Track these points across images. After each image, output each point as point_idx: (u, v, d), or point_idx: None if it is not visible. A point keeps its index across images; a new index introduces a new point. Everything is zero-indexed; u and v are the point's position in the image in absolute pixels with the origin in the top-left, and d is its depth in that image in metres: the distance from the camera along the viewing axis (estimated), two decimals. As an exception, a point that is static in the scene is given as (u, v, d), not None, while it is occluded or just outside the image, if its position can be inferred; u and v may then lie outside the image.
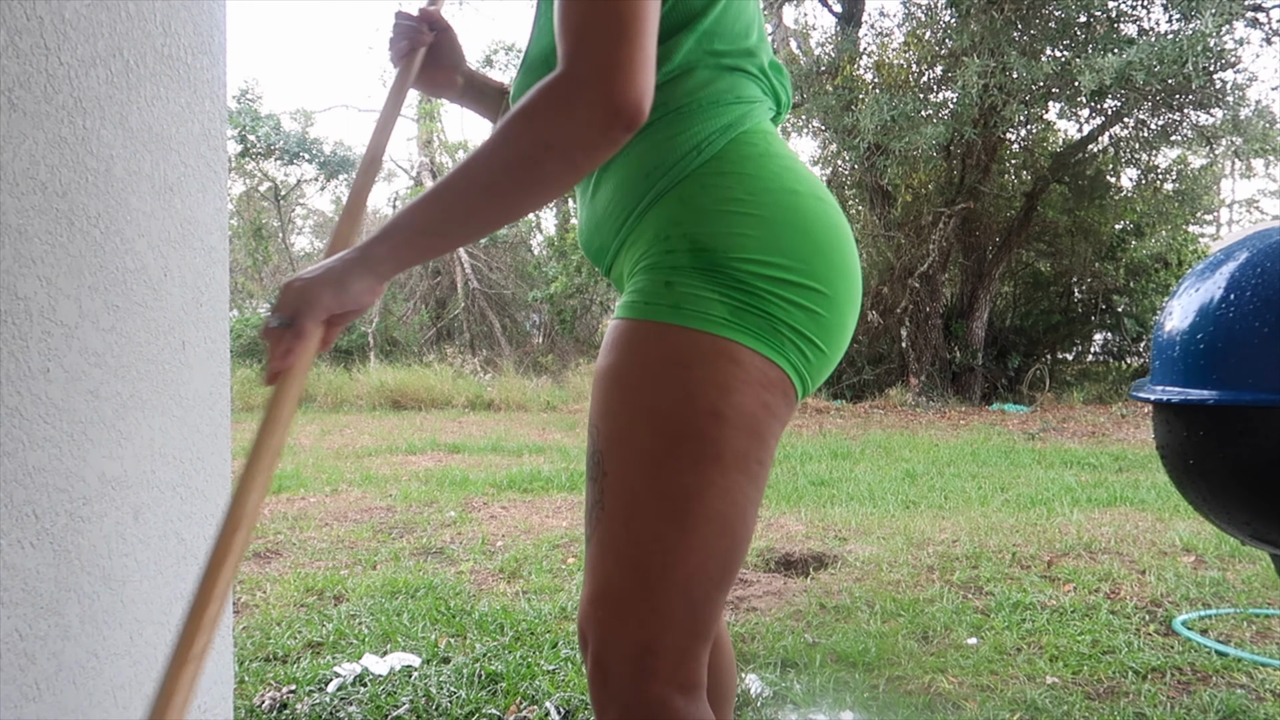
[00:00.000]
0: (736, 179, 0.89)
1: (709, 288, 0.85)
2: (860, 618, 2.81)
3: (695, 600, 0.85)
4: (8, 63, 1.11)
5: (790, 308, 0.86)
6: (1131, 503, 4.70)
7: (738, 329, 0.84)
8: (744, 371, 0.84)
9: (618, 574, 0.86)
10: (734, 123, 0.91)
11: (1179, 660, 2.44)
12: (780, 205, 0.88)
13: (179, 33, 1.42)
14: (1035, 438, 7.70)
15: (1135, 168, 11.89)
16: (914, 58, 10.28)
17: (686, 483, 0.83)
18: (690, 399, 0.83)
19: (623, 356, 0.88)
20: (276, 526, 4.11)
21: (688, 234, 0.87)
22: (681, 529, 0.83)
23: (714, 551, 0.85)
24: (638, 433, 0.85)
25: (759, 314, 0.85)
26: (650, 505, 0.84)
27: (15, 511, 1.14)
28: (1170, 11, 9.19)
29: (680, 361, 0.84)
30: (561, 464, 6.05)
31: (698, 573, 0.85)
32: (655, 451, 0.84)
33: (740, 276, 0.85)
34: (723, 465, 0.84)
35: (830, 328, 0.90)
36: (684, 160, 0.90)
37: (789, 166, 0.92)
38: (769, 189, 0.89)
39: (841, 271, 0.91)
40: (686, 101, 0.91)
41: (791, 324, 0.86)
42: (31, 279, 1.16)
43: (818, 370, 0.91)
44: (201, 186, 1.49)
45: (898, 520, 4.28)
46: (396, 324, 14.13)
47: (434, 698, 2.16)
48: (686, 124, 0.90)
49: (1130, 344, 12.41)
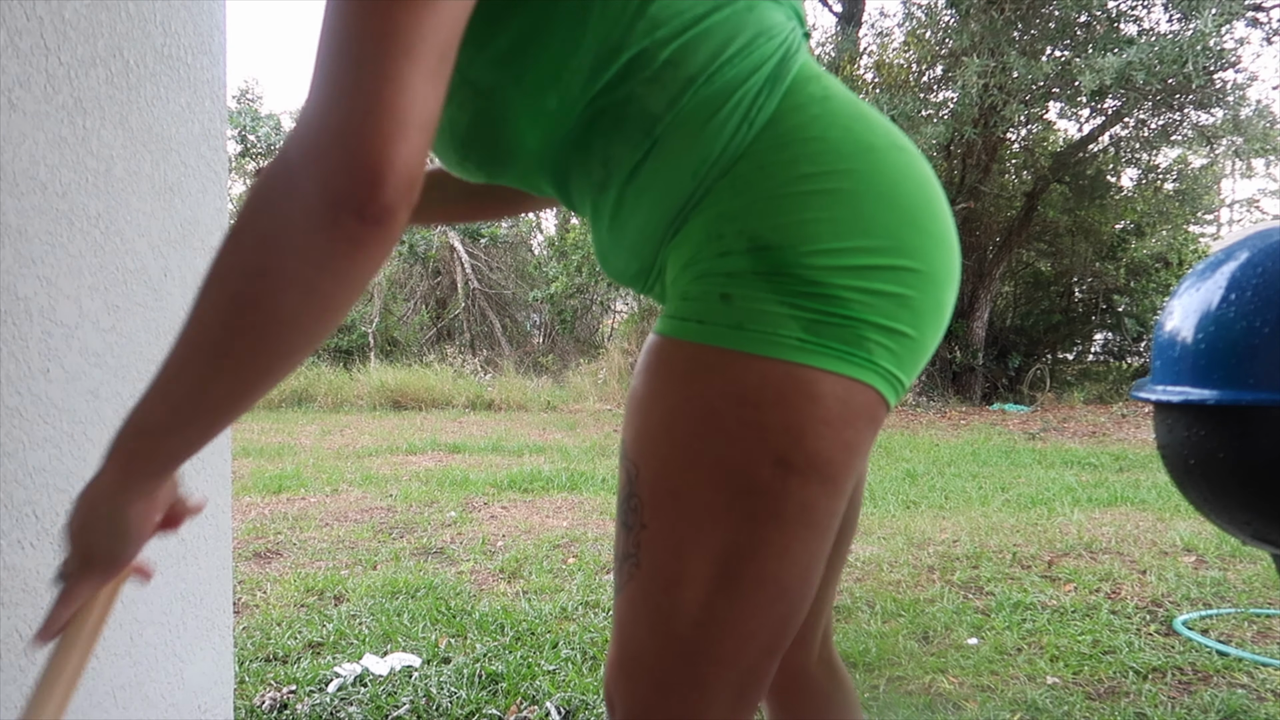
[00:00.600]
0: (801, 146, 0.70)
1: (777, 299, 0.68)
2: (861, 618, 2.81)
3: (744, 670, 0.74)
4: (7, 63, 1.11)
5: (876, 300, 0.69)
6: (1132, 502, 4.70)
7: (815, 351, 0.68)
8: (823, 409, 0.68)
9: (653, 645, 0.73)
10: (777, 72, 0.72)
11: (1180, 660, 2.44)
12: (858, 171, 0.70)
13: (179, 33, 1.42)
14: (1036, 437, 7.69)
15: (1136, 167, 11.89)
16: (914, 57, 10.29)
17: (740, 543, 0.70)
18: (756, 447, 0.68)
19: (675, 388, 0.71)
20: (277, 527, 4.11)
21: (745, 230, 0.69)
22: (730, 596, 0.71)
23: (768, 619, 0.72)
24: (691, 486, 0.70)
25: (840, 323, 0.68)
26: (697, 570, 0.71)
27: (15, 512, 1.14)
28: (1170, 11, 9.19)
29: (747, 400, 0.68)
30: (562, 464, 6.04)
31: (749, 644, 0.73)
32: (711, 507, 0.70)
33: (814, 277, 0.68)
34: (782, 521, 0.69)
35: (925, 310, 0.73)
36: (735, 138, 0.70)
37: (857, 116, 0.73)
38: (841, 151, 0.70)
39: (937, 238, 0.73)
40: (714, 67, 0.71)
41: (878, 322, 0.70)
42: (31, 279, 1.16)
43: (912, 365, 0.74)
44: (202, 187, 1.49)
45: (898, 520, 4.28)
46: (397, 324, 14.13)
47: (434, 698, 2.16)
48: (723, 93, 0.70)
49: (1131, 344, 12.41)
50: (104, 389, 1.28)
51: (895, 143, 0.74)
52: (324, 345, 12.94)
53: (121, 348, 1.31)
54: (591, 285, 12.71)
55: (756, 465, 0.68)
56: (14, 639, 1.15)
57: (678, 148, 0.72)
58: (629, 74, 0.71)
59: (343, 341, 13.17)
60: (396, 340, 13.73)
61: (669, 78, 0.70)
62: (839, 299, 0.68)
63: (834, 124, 0.72)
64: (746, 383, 0.68)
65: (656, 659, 0.73)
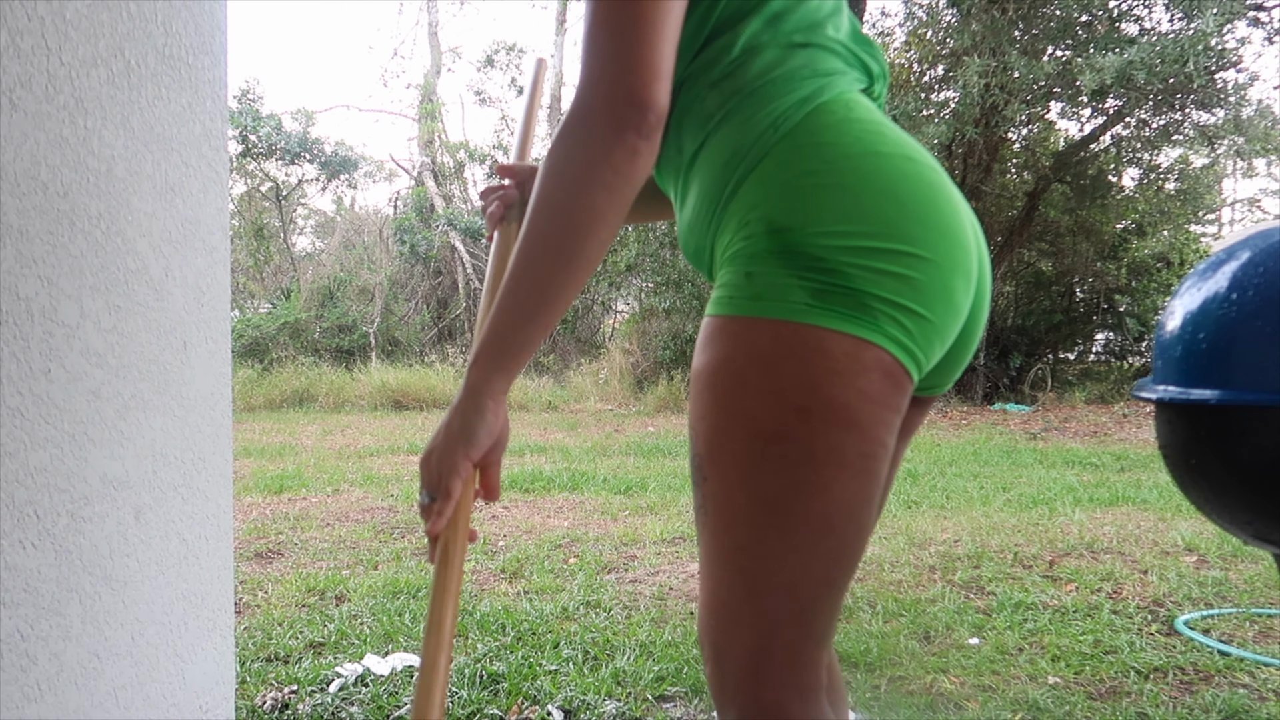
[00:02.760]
0: (813, 149, 0.84)
1: (788, 272, 0.81)
2: (862, 618, 2.80)
3: (804, 602, 0.84)
4: (9, 63, 1.12)
5: (880, 277, 0.80)
6: (1134, 502, 4.70)
7: (821, 313, 0.79)
8: (831, 360, 0.79)
9: (724, 580, 0.85)
10: (811, 95, 0.86)
11: (1181, 660, 2.44)
12: (861, 170, 0.82)
13: (180, 33, 1.42)
14: (1037, 437, 7.69)
15: (1137, 167, 11.87)
16: (915, 57, 10.28)
17: (783, 484, 0.81)
18: (778, 397, 0.80)
19: (713, 355, 0.85)
20: (278, 527, 4.12)
21: (764, 215, 0.83)
22: (781, 532, 0.82)
23: (819, 552, 0.82)
24: (732, 436, 0.83)
25: (844, 292, 0.80)
26: (748, 510, 0.82)
27: (17, 512, 1.14)
28: (1172, 11, 9.18)
29: (765, 358, 0.81)
30: (563, 464, 6.04)
31: (803, 575, 0.83)
32: (750, 454, 0.82)
33: (819, 254, 0.80)
34: (816, 463, 0.80)
35: (930, 291, 0.82)
36: (762, 139, 0.85)
37: (873, 130, 0.85)
38: (848, 154, 0.83)
39: (940, 230, 0.83)
40: (759, 83, 0.87)
41: (883, 295, 0.80)
42: (33, 279, 1.16)
43: (927, 341, 0.84)
44: (203, 187, 1.49)
45: (899, 520, 4.28)
46: (398, 324, 14.13)
47: (435, 698, 2.16)
48: (761, 104, 0.87)
49: (1132, 343, 12.40)
50: (105, 389, 1.28)
51: (904, 153, 0.85)
52: (324, 345, 12.95)
53: (123, 348, 1.32)
54: (593, 285, 12.68)
55: (782, 414, 0.80)
56: (15, 639, 1.15)
57: (721, 140, 0.88)
58: (699, 77, 0.90)
59: (344, 341, 13.17)
60: (398, 340, 13.72)
61: (726, 87, 0.88)
62: (842, 272, 0.80)
63: (846, 133, 0.84)
64: (763, 344, 0.81)
65: (728, 592, 0.84)
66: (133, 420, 1.34)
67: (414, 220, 14.56)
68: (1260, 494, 1.04)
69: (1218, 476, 1.08)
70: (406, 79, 27.98)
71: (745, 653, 0.84)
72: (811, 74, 0.87)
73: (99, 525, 1.28)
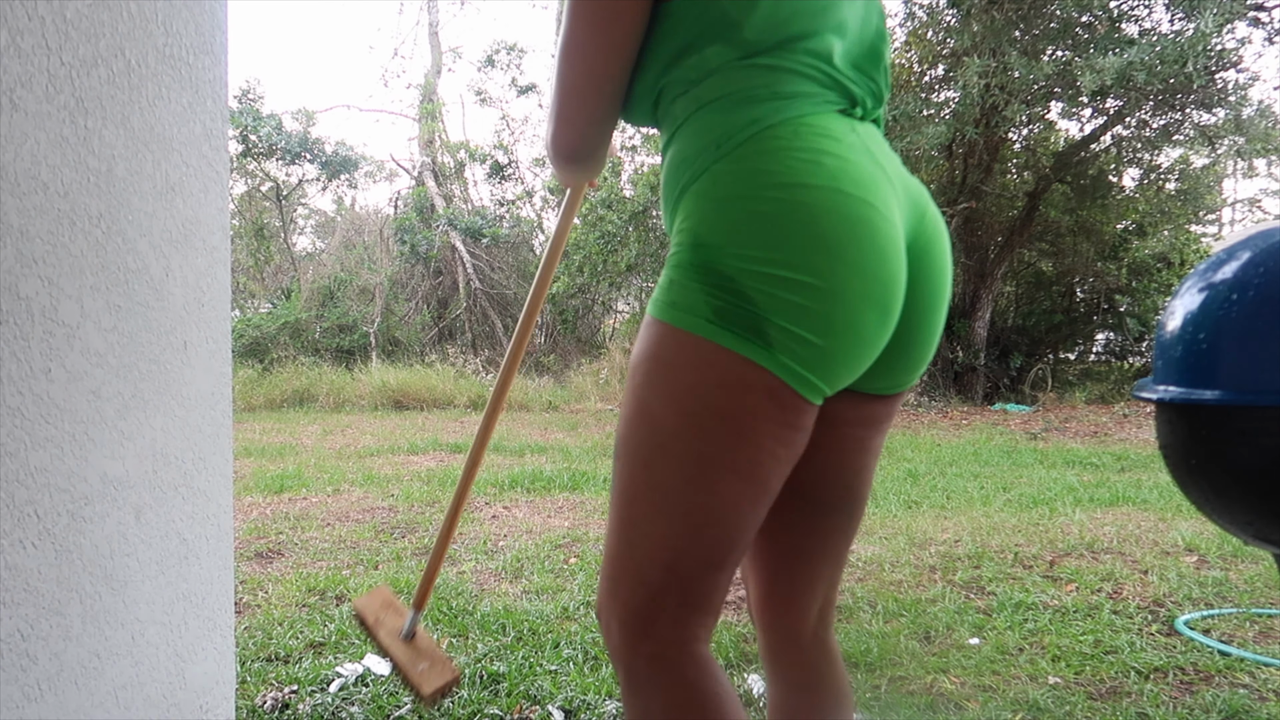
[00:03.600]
0: (747, 174, 0.88)
1: (701, 286, 0.87)
2: (862, 618, 2.80)
3: (682, 577, 0.91)
4: (9, 62, 1.12)
5: (782, 305, 0.85)
6: (1134, 502, 4.70)
7: (719, 330, 0.86)
8: (720, 376, 0.86)
9: (615, 551, 0.94)
10: (760, 118, 0.90)
11: (1181, 660, 2.44)
12: (783, 200, 0.86)
13: (181, 32, 1.42)
14: (1037, 437, 7.69)
15: (1137, 167, 11.87)
16: (915, 57, 10.28)
17: (675, 478, 0.89)
18: (675, 401, 0.88)
19: (636, 350, 0.94)
20: (278, 526, 4.12)
21: (693, 229, 0.89)
22: (669, 518, 0.90)
23: (701, 538, 0.90)
24: (637, 427, 0.91)
25: (745, 314, 0.85)
26: (645, 494, 0.91)
27: (17, 512, 1.15)
28: (1172, 11, 9.18)
29: (669, 363, 0.89)
30: (563, 464, 6.04)
31: (683, 556, 0.90)
32: (650, 446, 0.90)
33: (730, 274, 0.86)
34: (704, 464, 0.88)
35: (832, 323, 0.87)
36: (704, 156, 0.91)
37: (809, 160, 0.88)
38: (777, 183, 0.87)
39: (853, 265, 0.86)
40: (716, 98, 0.92)
41: (781, 323, 0.86)
42: (33, 279, 1.16)
43: (825, 368, 0.88)
44: (203, 186, 1.49)
45: (900, 520, 4.28)
46: (398, 324, 14.13)
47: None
48: (712, 120, 0.92)
49: (1133, 344, 12.39)
50: (106, 389, 1.28)
51: (837, 187, 0.88)
52: (325, 345, 12.95)
53: (123, 347, 1.32)
54: (593, 285, 12.69)
55: (677, 417, 0.88)
56: (15, 639, 1.15)
57: (678, 148, 0.96)
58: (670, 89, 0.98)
59: (344, 341, 13.17)
60: (398, 340, 13.72)
61: (690, 97, 0.95)
62: (747, 295, 0.85)
63: (781, 161, 0.88)
64: (670, 349, 0.89)
65: (615, 563, 0.94)
66: (133, 420, 1.34)
67: (414, 220, 14.56)
68: (1260, 494, 1.04)
69: (1218, 477, 1.08)
70: (407, 79, 27.95)
71: (626, 614, 0.93)
72: (769, 95, 0.91)
73: (99, 525, 1.28)
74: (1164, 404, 1.13)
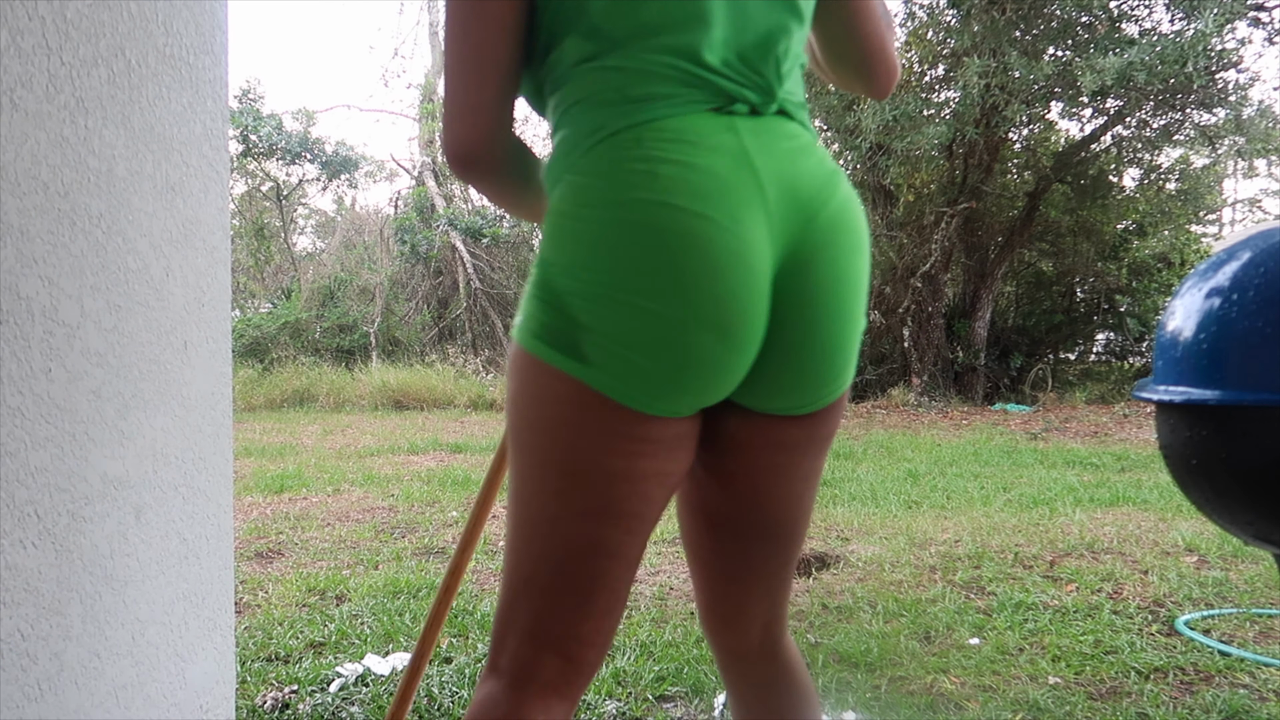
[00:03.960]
0: (580, 190, 0.86)
1: (536, 301, 0.88)
2: (863, 618, 2.80)
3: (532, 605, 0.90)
4: (10, 62, 1.12)
5: (602, 323, 0.84)
6: (1134, 503, 4.70)
7: (539, 344, 0.87)
8: (545, 389, 0.87)
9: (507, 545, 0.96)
10: (601, 125, 0.87)
11: (1182, 660, 2.44)
12: (604, 218, 0.84)
13: (181, 33, 1.42)
14: (1038, 438, 7.69)
15: (1137, 167, 11.87)
16: (916, 57, 10.28)
17: (515, 489, 0.92)
18: (516, 410, 0.91)
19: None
20: (278, 527, 4.12)
21: (541, 245, 0.90)
22: (514, 532, 0.93)
23: (539, 559, 0.90)
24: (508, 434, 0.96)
25: (565, 329, 0.85)
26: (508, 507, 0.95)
27: (17, 511, 1.15)
28: (1172, 11, 9.18)
29: (510, 374, 0.92)
30: (563, 464, 6.04)
31: (530, 582, 0.90)
32: (507, 456, 0.95)
33: (558, 290, 0.85)
34: (539, 475, 0.89)
35: (650, 341, 0.84)
36: (557, 166, 0.91)
37: (647, 170, 0.84)
38: (602, 200, 0.85)
39: (673, 284, 0.83)
40: (573, 103, 0.90)
41: (602, 341, 0.84)
42: (33, 279, 1.16)
43: (653, 384, 0.85)
44: (204, 186, 1.49)
45: (900, 520, 4.28)
46: (398, 324, 14.13)
47: (436, 698, 2.16)
48: (567, 129, 0.91)
49: (1133, 344, 12.39)
50: (106, 389, 1.28)
51: (670, 202, 0.83)
52: (325, 345, 12.96)
53: (123, 347, 1.32)
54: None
55: (517, 425, 0.91)
56: (16, 639, 1.15)
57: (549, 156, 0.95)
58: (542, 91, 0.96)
59: (344, 341, 13.17)
60: (398, 340, 13.72)
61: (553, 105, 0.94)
62: (569, 313, 0.85)
63: (610, 175, 0.85)
64: (511, 361, 0.92)
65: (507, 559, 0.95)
66: (133, 420, 1.34)
67: (415, 220, 14.56)
68: (1260, 494, 1.04)
69: (1218, 477, 1.08)
70: (407, 79, 27.95)
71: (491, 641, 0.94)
72: (618, 99, 0.87)
73: (99, 525, 1.28)
74: (1164, 404, 1.13)
